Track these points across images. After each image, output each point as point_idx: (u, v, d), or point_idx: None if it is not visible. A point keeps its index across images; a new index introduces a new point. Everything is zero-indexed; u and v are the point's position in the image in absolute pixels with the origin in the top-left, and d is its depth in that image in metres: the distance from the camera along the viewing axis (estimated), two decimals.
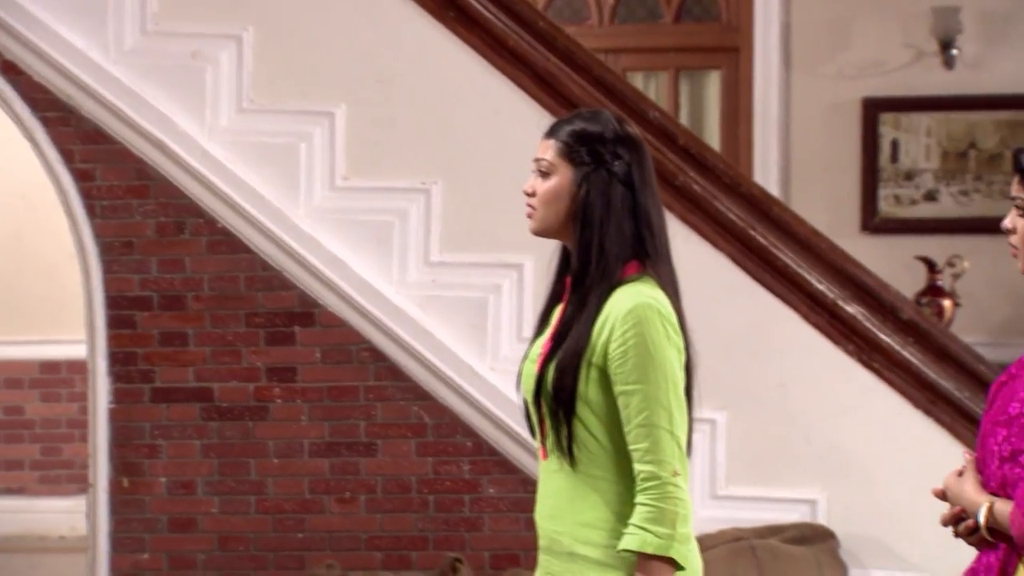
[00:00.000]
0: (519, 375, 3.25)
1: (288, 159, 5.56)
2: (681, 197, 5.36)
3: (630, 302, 3.05)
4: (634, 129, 3.24)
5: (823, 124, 8.87)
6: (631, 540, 3.01)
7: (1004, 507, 2.81)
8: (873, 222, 8.78)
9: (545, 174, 3.16)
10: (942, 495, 2.97)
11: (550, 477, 3.15)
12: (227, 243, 5.58)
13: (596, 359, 3.05)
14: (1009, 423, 2.84)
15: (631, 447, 3.03)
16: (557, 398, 3.06)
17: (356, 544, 5.53)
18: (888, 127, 8.90)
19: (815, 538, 5.15)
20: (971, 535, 2.91)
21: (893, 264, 7.63)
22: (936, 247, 8.20)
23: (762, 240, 5.31)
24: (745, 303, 5.29)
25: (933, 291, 7.95)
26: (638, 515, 3.01)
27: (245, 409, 5.57)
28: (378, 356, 5.50)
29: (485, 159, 5.51)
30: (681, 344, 3.09)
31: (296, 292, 5.55)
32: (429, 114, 5.55)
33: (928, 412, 5.25)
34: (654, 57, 9.09)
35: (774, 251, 5.30)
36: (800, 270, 5.29)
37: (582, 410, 3.06)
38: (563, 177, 3.14)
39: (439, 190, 5.51)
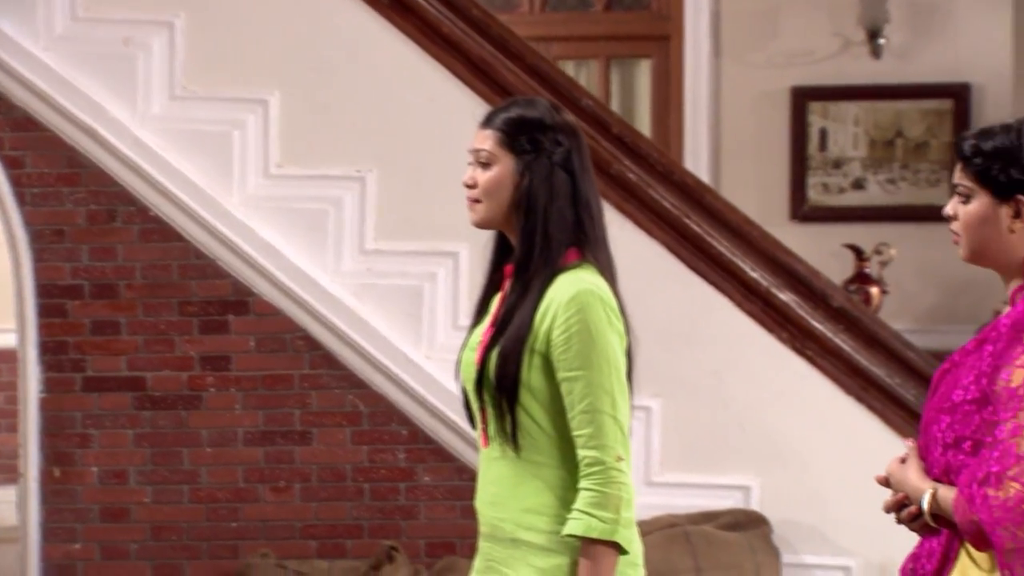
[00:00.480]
0: (458, 363, 3.24)
1: (221, 147, 5.53)
2: (616, 185, 5.37)
3: (572, 289, 3.05)
4: (570, 116, 3.24)
5: (753, 113, 8.92)
6: (575, 525, 3.01)
7: (947, 493, 2.83)
8: (802, 210, 8.83)
9: (486, 164, 3.14)
10: (885, 482, 2.99)
11: (492, 464, 3.14)
12: (160, 231, 5.54)
13: (539, 346, 3.05)
14: (953, 410, 2.86)
15: (574, 433, 3.04)
16: (500, 385, 3.06)
17: (291, 533, 5.51)
18: (816, 116, 8.95)
19: (749, 524, 5.19)
20: (914, 521, 2.94)
21: (822, 252, 7.68)
22: (864, 235, 8.26)
23: (696, 228, 5.34)
24: (680, 291, 5.31)
25: (861, 278, 8.00)
26: (582, 500, 3.02)
27: (178, 398, 5.54)
28: (313, 344, 5.49)
29: (420, 147, 5.50)
30: (622, 329, 3.10)
31: (230, 280, 5.52)
32: (364, 102, 5.53)
33: (860, 399, 5.29)
34: (585, 45, 9.10)
35: (708, 239, 5.33)
36: (734, 258, 5.32)
37: (525, 397, 3.06)
38: (504, 167, 3.13)
39: (374, 178, 5.50)
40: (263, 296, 5.49)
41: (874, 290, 7.96)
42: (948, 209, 2.92)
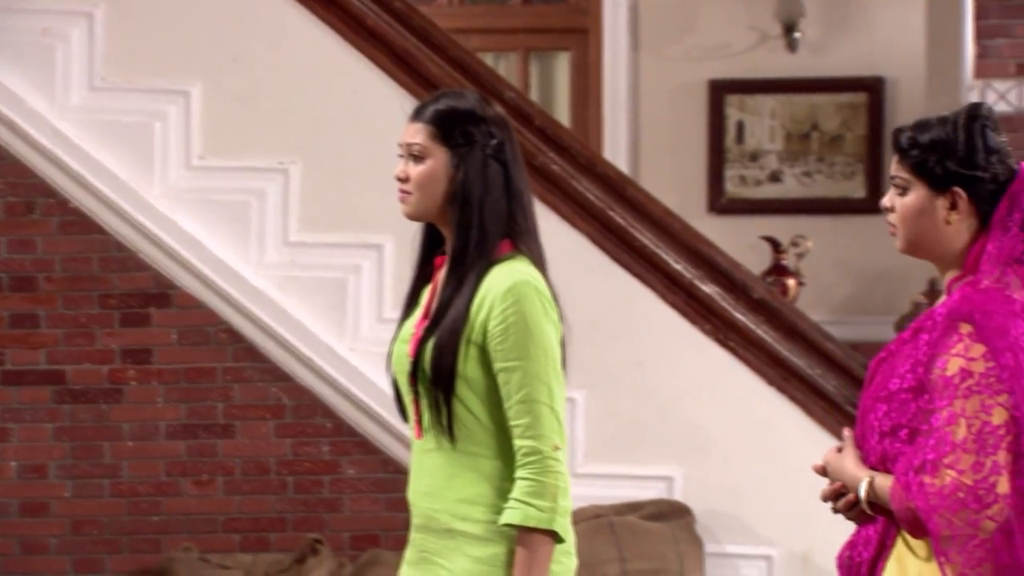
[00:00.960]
0: (389, 356, 3.23)
1: (142, 138, 5.49)
2: (540, 177, 5.37)
3: (508, 280, 3.06)
4: (500, 108, 3.25)
5: (671, 106, 8.96)
6: (514, 514, 3.02)
7: (884, 482, 2.86)
8: (720, 203, 8.89)
9: (419, 158, 3.14)
10: (822, 471, 3.02)
11: (426, 456, 3.14)
12: (80, 223, 5.49)
13: (475, 337, 3.06)
14: (889, 398, 2.89)
15: (512, 423, 3.05)
16: (436, 377, 3.06)
17: (213, 527, 5.48)
18: (734, 109, 9.01)
19: (672, 514, 5.21)
20: (850, 510, 2.97)
21: (739, 244, 7.72)
22: (780, 227, 8.31)
23: (620, 220, 5.36)
24: (604, 283, 5.32)
25: (778, 270, 8.05)
26: (520, 489, 3.03)
27: (99, 392, 5.49)
28: (236, 337, 5.46)
29: (344, 138, 5.48)
30: (557, 319, 3.11)
31: (151, 273, 5.48)
32: (287, 93, 5.50)
33: (781, 389, 5.33)
34: (504, 38, 9.11)
35: (632, 231, 5.35)
36: (658, 250, 5.34)
37: (461, 388, 3.07)
38: (438, 160, 3.13)
39: (297, 170, 5.47)
40: (185, 289, 5.46)
41: (791, 282, 8.01)
42: (885, 201, 2.95)
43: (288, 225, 5.46)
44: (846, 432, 3.02)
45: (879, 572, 2.93)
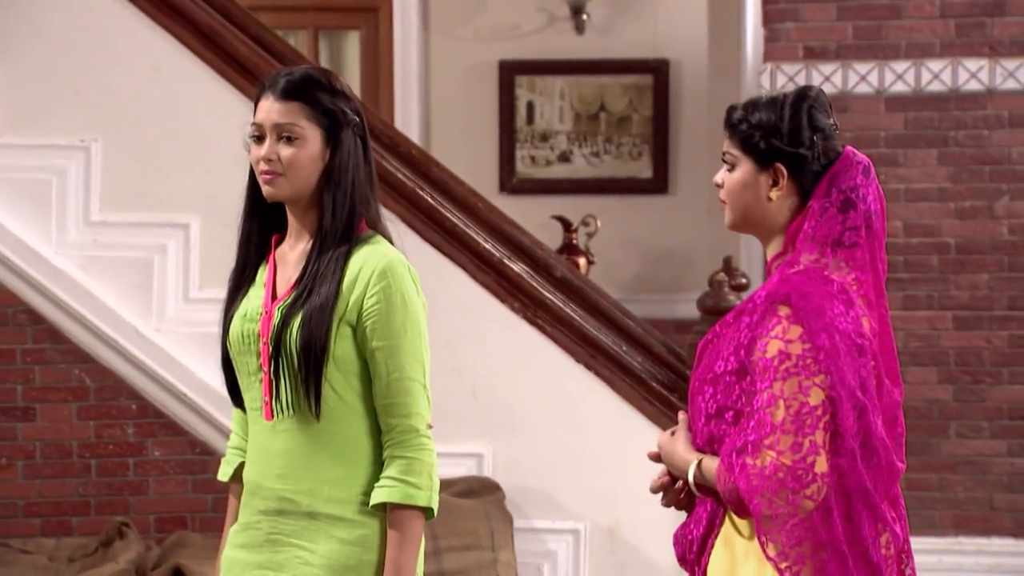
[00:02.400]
0: (225, 335, 3.17)
1: None
2: None
3: (382, 260, 3.04)
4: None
5: (462, 86, 8.99)
6: (391, 492, 3.00)
7: (711, 463, 2.93)
8: (511, 183, 8.95)
9: (291, 139, 3.05)
10: (657, 457, 3.07)
11: (277, 437, 3.08)
12: None
13: (348, 316, 3.03)
14: (715, 381, 2.95)
15: (385, 401, 3.03)
16: (306, 355, 3.01)
17: (13, 511, 5.36)
18: (524, 89, 9.07)
19: (483, 491, 5.25)
20: (682, 497, 3.03)
21: (531, 224, 7.74)
22: (570, 207, 8.40)
23: (429, 200, 5.36)
24: (415, 261, 5.25)
25: (569, 249, 8.13)
26: (395, 468, 3.01)
27: None
28: (36, 319, 5.34)
29: (148, 116, 5.38)
30: (424, 300, 3.12)
31: None
32: (87, 69, 5.38)
33: (588, 366, 5.39)
34: (293, 16, 9.04)
35: (441, 210, 5.36)
36: (467, 229, 5.36)
37: (327, 366, 3.03)
38: (312, 140, 3.06)
39: (99, 147, 5.36)
40: None
41: (582, 261, 8.10)
42: (717, 177, 3.02)
43: (90, 204, 5.35)
44: (680, 415, 3.08)
45: (709, 549, 2.99)
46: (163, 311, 5.34)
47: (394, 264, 3.06)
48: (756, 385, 2.85)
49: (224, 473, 3.29)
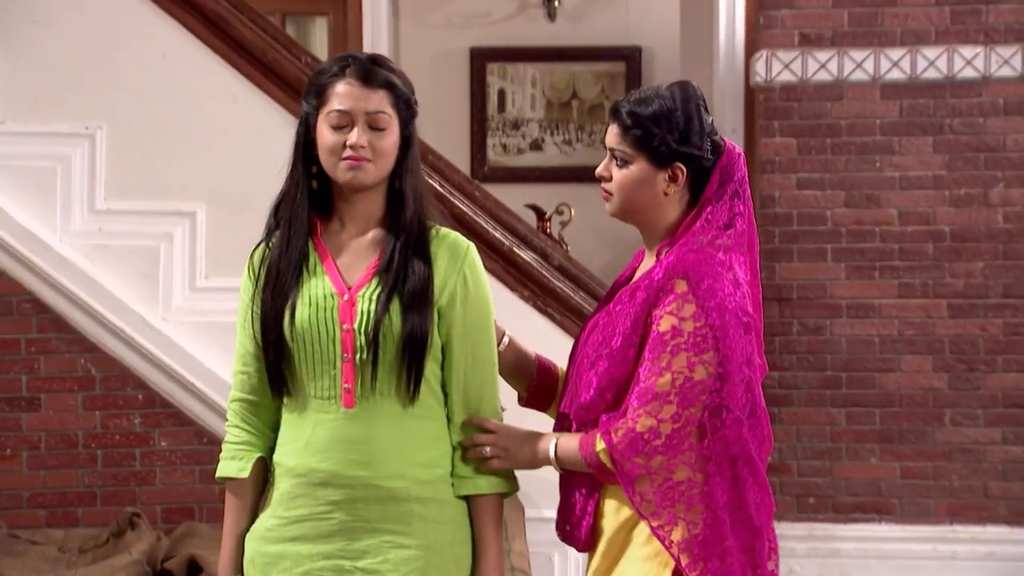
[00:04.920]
0: (291, 321, 3.17)
1: None
2: None
3: (459, 245, 3.22)
4: None
5: (433, 73, 9.16)
6: (488, 483, 3.22)
7: (568, 440, 3.18)
8: (483, 171, 9.15)
9: (380, 128, 3.16)
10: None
11: (357, 424, 3.15)
12: None
13: (439, 301, 3.18)
14: (611, 355, 3.17)
15: (464, 385, 3.20)
16: (411, 340, 3.12)
17: (18, 502, 5.46)
18: (495, 77, 9.27)
19: None
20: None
21: None
22: (542, 196, 8.56)
23: (438, 187, 5.52)
24: None
25: None
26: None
27: None
28: (41, 308, 5.45)
29: (153, 103, 5.50)
30: None
31: None
32: (92, 56, 5.50)
33: None
34: (259, 1, 9.15)
35: (451, 199, 5.52)
36: (477, 218, 5.53)
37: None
38: (394, 127, 3.19)
39: (104, 135, 5.48)
40: None
41: None
42: (602, 170, 3.22)
43: (95, 192, 5.47)
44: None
45: (589, 516, 3.22)
46: (169, 300, 5.47)
47: (471, 249, 3.24)
48: (645, 356, 3.07)
49: (242, 469, 3.27)
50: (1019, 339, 6.71)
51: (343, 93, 3.16)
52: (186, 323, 5.46)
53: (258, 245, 3.29)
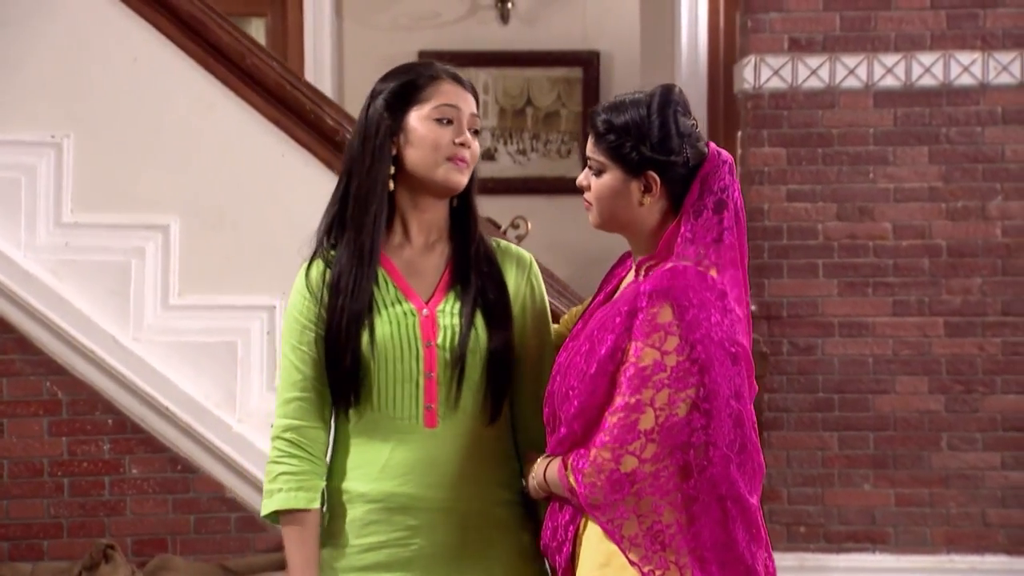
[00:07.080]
0: (371, 337, 3.21)
1: None
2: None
3: (522, 256, 3.35)
4: None
5: (378, 77, 9.21)
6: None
7: (552, 466, 3.22)
8: None
9: (479, 132, 3.31)
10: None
11: (438, 444, 3.23)
12: None
13: (516, 315, 3.30)
14: (595, 378, 3.20)
15: (537, 398, 3.27)
16: (499, 356, 3.23)
17: None
18: None
19: None
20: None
21: None
22: (495, 208, 8.59)
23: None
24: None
25: None
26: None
27: None
28: (4, 327, 5.48)
29: (123, 110, 5.55)
30: None
31: None
32: (58, 61, 5.54)
33: None
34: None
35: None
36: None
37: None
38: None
39: (71, 144, 5.52)
40: None
41: None
42: (581, 180, 3.28)
43: (62, 204, 5.50)
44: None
45: (571, 537, 3.25)
46: (141, 319, 5.51)
47: (533, 260, 3.37)
48: (624, 389, 3.11)
49: (312, 500, 3.26)
50: (1019, 359, 6.83)
51: (450, 91, 3.27)
52: (159, 343, 5.51)
53: (310, 262, 3.32)
